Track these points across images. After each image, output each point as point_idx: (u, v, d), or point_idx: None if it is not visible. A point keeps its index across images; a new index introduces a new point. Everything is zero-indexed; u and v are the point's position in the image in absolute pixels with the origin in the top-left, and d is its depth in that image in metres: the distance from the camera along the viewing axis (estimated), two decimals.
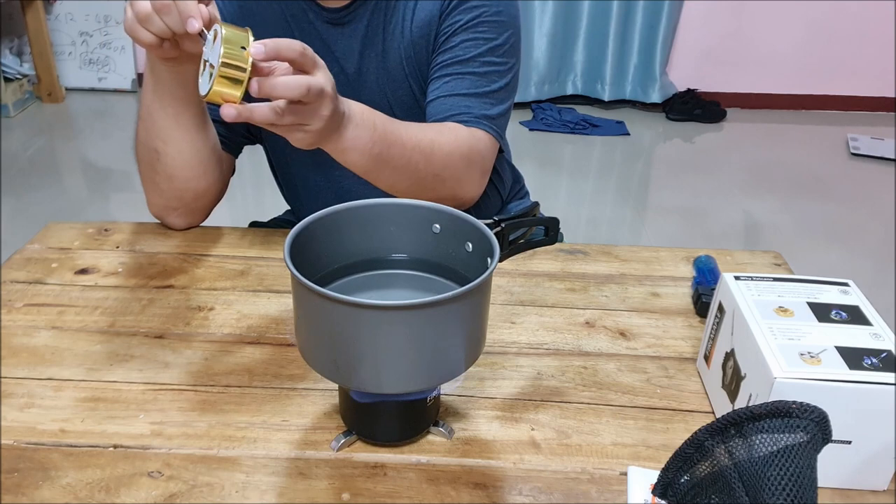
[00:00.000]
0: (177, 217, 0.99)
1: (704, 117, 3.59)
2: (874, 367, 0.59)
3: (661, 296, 0.89)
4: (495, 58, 0.96)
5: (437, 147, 0.89)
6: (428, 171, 0.89)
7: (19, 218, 2.55)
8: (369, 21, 0.96)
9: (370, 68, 0.98)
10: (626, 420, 0.70)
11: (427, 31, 0.96)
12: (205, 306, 0.85)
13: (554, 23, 3.53)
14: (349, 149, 0.81)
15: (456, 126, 0.93)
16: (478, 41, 0.95)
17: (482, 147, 0.95)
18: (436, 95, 0.96)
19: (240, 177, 1.06)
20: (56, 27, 3.70)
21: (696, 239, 2.56)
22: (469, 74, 0.95)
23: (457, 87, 0.95)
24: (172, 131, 0.90)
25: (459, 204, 0.97)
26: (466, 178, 0.95)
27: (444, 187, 0.93)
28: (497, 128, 0.97)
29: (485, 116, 0.95)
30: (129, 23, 0.76)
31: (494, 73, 0.96)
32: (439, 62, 0.96)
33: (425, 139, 0.88)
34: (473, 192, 0.97)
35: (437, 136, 0.90)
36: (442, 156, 0.90)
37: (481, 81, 0.95)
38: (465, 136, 0.93)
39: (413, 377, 0.59)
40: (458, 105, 0.94)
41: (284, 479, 0.62)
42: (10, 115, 3.41)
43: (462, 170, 0.93)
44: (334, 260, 0.67)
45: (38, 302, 0.85)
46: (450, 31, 0.95)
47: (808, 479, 0.46)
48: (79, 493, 0.61)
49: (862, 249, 2.50)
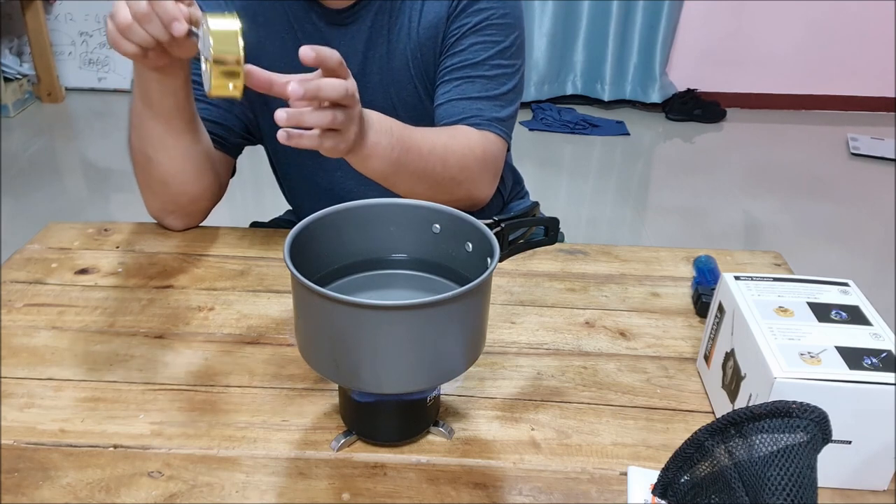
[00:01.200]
0: (174, 219, 1.00)
1: (704, 117, 3.58)
2: (874, 367, 0.59)
3: (661, 296, 0.89)
4: (504, 60, 0.96)
5: (451, 151, 0.90)
6: (445, 175, 0.90)
7: (19, 218, 2.55)
8: (373, 22, 0.96)
9: (374, 69, 0.98)
10: (626, 420, 0.70)
11: (434, 34, 0.96)
12: (205, 306, 0.85)
13: (554, 23, 3.53)
14: (371, 155, 0.81)
15: (467, 129, 0.94)
16: (486, 44, 0.95)
17: (494, 149, 0.96)
18: (447, 99, 0.96)
19: (240, 177, 1.06)
20: (56, 27, 3.70)
21: (696, 239, 2.56)
22: (479, 78, 0.96)
23: (468, 91, 0.95)
24: (164, 139, 0.90)
25: (473, 205, 0.99)
26: (480, 180, 0.96)
27: (460, 189, 0.94)
28: (507, 130, 0.98)
29: (495, 119, 0.96)
30: (111, 35, 0.75)
31: (503, 76, 0.97)
32: (448, 65, 0.97)
33: (439, 143, 0.89)
34: (487, 193, 0.99)
35: (449, 140, 0.91)
36: (457, 159, 0.91)
37: (491, 84, 0.96)
38: (477, 139, 0.94)
39: (413, 377, 0.59)
40: (470, 108, 0.95)
41: (284, 479, 0.62)
42: (10, 115, 3.41)
43: (477, 172, 0.95)
44: (334, 260, 0.67)
45: (38, 302, 0.85)
46: (458, 33, 0.95)
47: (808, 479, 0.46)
48: (79, 493, 0.61)
49: (862, 249, 2.51)
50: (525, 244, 0.77)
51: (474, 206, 1.00)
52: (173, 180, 0.94)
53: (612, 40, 3.56)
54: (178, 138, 0.90)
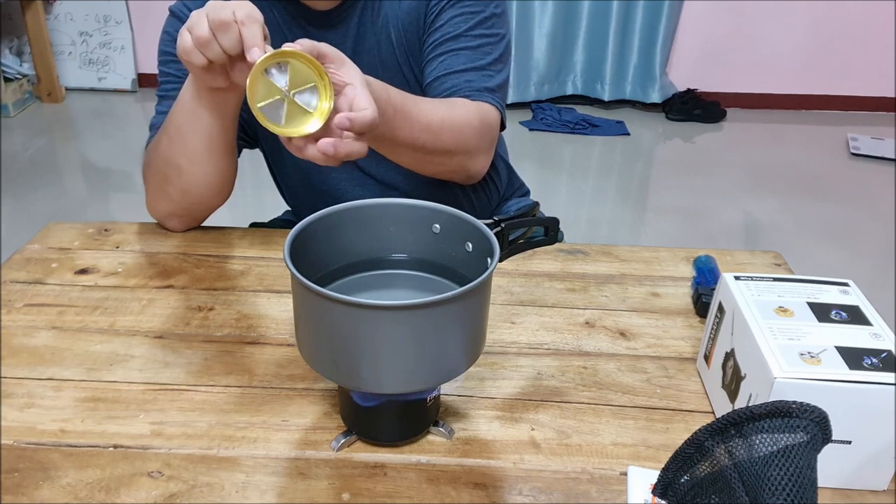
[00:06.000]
0: (178, 222, 1.00)
1: (704, 117, 3.58)
2: (874, 367, 0.59)
3: (661, 296, 0.89)
4: (485, 30, 0.96)
5: (448, 125, 0.89)
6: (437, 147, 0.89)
7: (19, 218, 2.55)
8: (360, 17, 0.97)
9: (364, 64, 0.98)
10: (626, 420, 0.70)
11: (416, 16, 0.96)
12: (205, 306, 0.85)
13: (554, 23, 3.53)
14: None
15: (464, 101, 0.93)
16: (466, 15, 0.95)
17: (490, 119, 0.95)
18: (434, 76, 0.96)
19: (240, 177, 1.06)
20: (56, 27, 3.70)
21: (696, 239, 2.56)
22: (462, 50, 0.95)
23: (453, 64, 0.95)
24: (202, 154, 0.90)
25: (469, 177, 0.99)
26: (477, 151, 0.95)
27: (452, 161, 0.93)
28: (499, 99, 0.97)
29: (486, 89, 0.95)
30: (186, 46, 0.75)
31: (487, 45, 0.96)
32: (431, 42, 0.96)
33: (436, 117, 0.88)
34: (483, 164, 0.98)
35: (447, 112, 0.90)
36: (453, 133, 0.90)
37: (476, 55, 0.95)
38: (473, 110, 0.93)
39: (413, 377, 0.59)
40: (458, 81, 0.94)
41: (284, 479, 0.62)
42: (10, 115, 3.41)
43: (474, 144, 0.94)
44: (334, 260, 0.67)
45: (38, 302, 0.85)
46: (437, 10, 0.95)
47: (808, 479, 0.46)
48: (79, 493, 0.61)
49: (862, 249, 2.50)
50: (525, 244, 0.77)
51: (470, 178, 0.99)
52: (197, 191, 0.94)
53: (612, 40, 3.56)
54: (216, 156, 0.91)
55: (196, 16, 0.75)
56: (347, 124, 0.68)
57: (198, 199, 0.96)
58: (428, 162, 0.90)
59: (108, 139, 3.27)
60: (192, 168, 0.91)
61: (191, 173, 0.92)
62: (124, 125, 3.43)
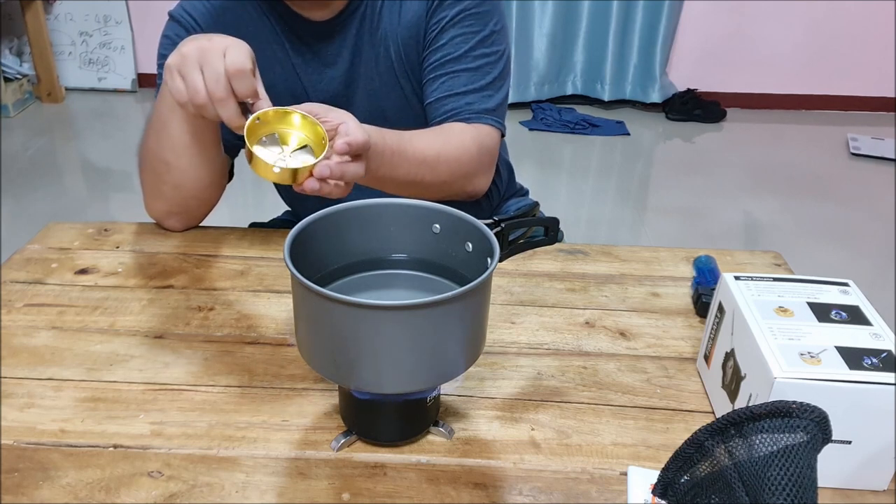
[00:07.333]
0: (176, 221, 1.00)
1: (704, 117, 3.58)
2: (874, 367, 0.59)
3: (661, 296, 0.89)
4: (486, 48, 0.97)
5: (444, 158, 0.91)
6: (435, 181, 0.91)
7: (19, 218, 2.55)
8: (358, 29, 0.97)
9: (361, 75, 0.99)
10: (626, 420, 0.70)
11: (416, 32, 0.96)
12: (205, 306, 0.85)
13: (554, 23, 3.53)
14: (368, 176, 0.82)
15: (460, 127, 0.94)
16: (466, 35, 0.96)
17: (489, 142, 0.97)
18: (435, 97, 0.97)
19: (240, 177, 1.06)
20: (56, 27, 3.70)
21: (696, 239, 2.56)
22: (463, 71, 0.96)
23: (454, 86, 0.96)
24: (188, 147, 0.90)
25: (469, 197, 1.00)
26: (475, 174, 0.97)
27: (450, 190, 0.95)
28: (499, 118, 0.98)
29: (485, 110, 0.96)
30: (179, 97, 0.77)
31: (487, 65, 0.97)
32: (432, 62, 0.97)
33: (431, 152, 0.90)
34: (483, 185, 1.00)
35: (443, 146, 0.92)
36: (448, 164, 0.92)
37: (476, 76, 0.96)
38: (471, 136, 0.94)
39: (413, 377, 0.59)
40: (459, 104, 0.95)
41: (284, 479, 0.62)
42: (10, 115, 3.41)
43: (472, 170, 0.96)
44: (334, 260, 0.67)
45: (38, 302, 0.85)
46: (437, 28, 0.96)
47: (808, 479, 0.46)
48: (79, 493, 0.61)
49: (862, 249, 2.50)
50: (525, 244, 0.77)
51: (471, 198, 1.01)
52: (189, 185, 0.94)
53: (612, 40, 3.56)
54: (204, 148, 0.91)
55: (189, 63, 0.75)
56: (346, 148, 0.73)
57: (190, 193, 0.95)
58: (428, 191, 0.92)
59: (108, 139, 3.27)
60: (180, 162, 0.91)
61: (178, 167, 0.92)
62: (124, 125, 3.43)
